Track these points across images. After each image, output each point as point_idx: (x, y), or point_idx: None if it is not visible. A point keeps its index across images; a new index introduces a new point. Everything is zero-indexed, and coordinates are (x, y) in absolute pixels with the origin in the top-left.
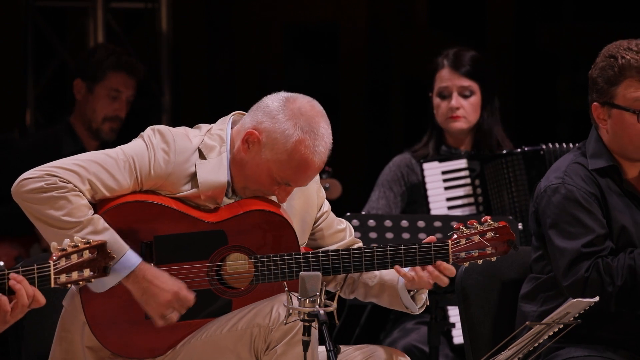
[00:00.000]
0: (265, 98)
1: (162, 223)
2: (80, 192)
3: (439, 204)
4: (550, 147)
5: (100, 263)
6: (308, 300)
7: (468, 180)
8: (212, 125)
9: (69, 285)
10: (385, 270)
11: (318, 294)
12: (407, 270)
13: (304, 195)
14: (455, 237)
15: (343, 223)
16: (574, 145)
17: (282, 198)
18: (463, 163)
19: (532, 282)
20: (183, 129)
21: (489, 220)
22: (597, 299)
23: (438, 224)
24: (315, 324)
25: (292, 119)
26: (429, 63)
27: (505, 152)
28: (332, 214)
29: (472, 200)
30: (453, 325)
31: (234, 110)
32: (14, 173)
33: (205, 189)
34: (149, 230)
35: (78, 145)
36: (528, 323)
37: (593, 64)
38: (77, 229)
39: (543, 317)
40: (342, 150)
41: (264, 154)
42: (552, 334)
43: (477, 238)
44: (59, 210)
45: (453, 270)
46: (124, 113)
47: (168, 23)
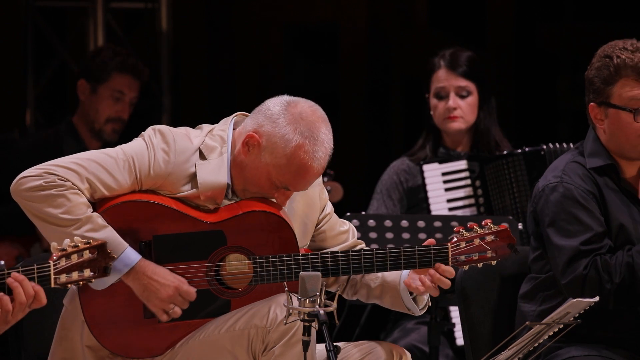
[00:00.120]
0: (268, 101)
1: (161, 223)
2: (79, 190)
3: (440, 206)
4: (551, 147)
5: (101, 263)
6: (308, 300)
7: (468, 182)
8: (214, 126)
9: (69, 286)
10: (387, 272)
11: (318, 294)
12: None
13: (306, 198)
14: (455, 240)
15: (346, 225)
16: (572, 146)
17: (281, 202)
18: (463, 164)
19: (531, 281)
20: (184, 129)
21: (490, 224)
22: (597, 299)
23: (438, 224)
24: (315, 324)
25: (292, 124)
26: (426, 64)
27: (506, 152)
28: (334, 216)
29: (472, 202)
30: (454, 325)
31: (234, 110)
32: (16, 173)
33: (205, 190)
34: (148, 230)
35: (80, 146)
36: (528, 323)
37: (589, 65)
38: (75, 227)
39: (542, 316)
40: (342, 151)
41: (264, 158)
42: (552, 334)
43: (477, 241)
44: (58, 208)
45: (452, 272)
46: (127, 115)
47: (168, 23)
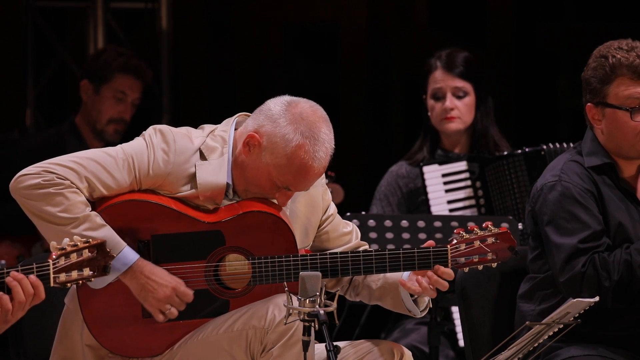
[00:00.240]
0: (269, 101)
1: (160, 222)
2: (78, 189)
3: (440, 207)
4: (551, 147)
5: (100, 262)
6: (308, 300)
7: (469, 183)
8: (216, 126)
9: (69, 285)
10: (389, 274)
11: (318, 294)
12: (412, 285)
13: (309, 198)
14: (455, 242)
15: (349, 226)
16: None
17: (282, 202)
18: (463, 165)
19: (529, 281)
20: (185, 129)
21: (490, 226)
22: (597, 299)
23: (438, 224)
24: (315, 324)
25: (292, 124)
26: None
27: (506, 153)
28: (338, 217)
29: (473, 203)
30: (454, 326)
31: (234, 110)
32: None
33: (204, 190)
34: (147, 229)
35: (83, 146)
36: (528, 323)
37: (585, 66)
38: (73, 225)
39: (541, 315)
40: (342, 151)
41: (264, 158)
42: (552, 334)
43: (477, 243)
44: (56, 207)
45: (451, 274)
46: (129, 116)
47: (168, 23)
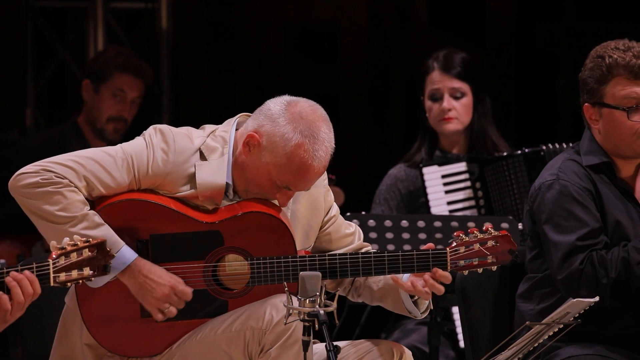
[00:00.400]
0: (268, 101)
1: (158, 222)
2: (76, 188)
3: (440, 208)
4: (551, 147)
5: (100, 261)
6: (308, 300)
7: (468, 184)
8: (217, 127)
9: (69, 284)
10: (390, 275)
11: (318, 294)
12: (404, 282)
13: (310, 199)
14: (455, 244)
15: (352, 227)
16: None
17: (283, 202)
18: (462, 166)
19: (528, 281)
20: (186, 129)
21: (490, 229)
22: (597, 299)
23: (438, 224)
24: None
25: (292, 123)
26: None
27: (506, 154)
28: (340, 218)
29: (473, 203)
30: (455, 326)
31: (234, 110)
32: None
33: (203, 190)
34: (146, 229)
35: (85, 146)
36: (528, 323)
37: (583, 66)
38: (71, 224)
39: (540, 314)
40: (342, 151)
41: (264, 157)
42: (552, 334)
43: (477, 246)
44: (54, 205)
45: (449, 277)
46: (128, 114)
47: (168, 23)
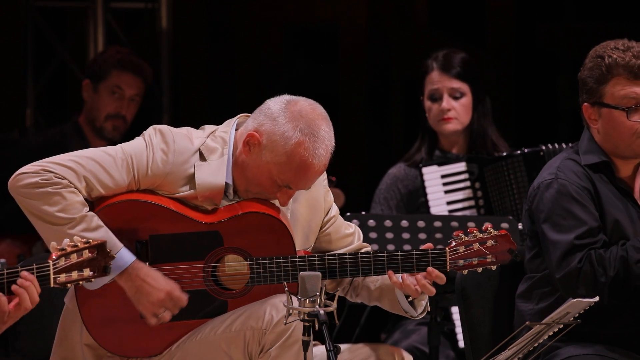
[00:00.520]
0: (268, 101)
1: (158, 222)
2: (76, 188)
3: (440, 208)
4: (550, 147)
5: (100, 262)
6: (308, 301)
7: (468, 184)
8: (217, 127)
9: (69, 285)
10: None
11: (318, 294)
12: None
13: (310, 200)
14: (454, 244)
15: (351, 227)
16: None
17: (283, 201)
18: (462, 166)
19: (527, 281)
20: (186, 130)
21: (490, 229)
22: (597, 299)
23: (438, 224)
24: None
25: (292, 121)
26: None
27: (505, 154)
28: (340, 218)
29: (472, 203)
30: (454, 326)
31: (234, 110)
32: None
33: (203, 191)
34: (145, 230)
35: (85, 146)
36: (528, 323)
37: (582, 66)
38: (70, 226)
39: (540, 314)
40: (342, 151)
41: (265, 156)
42: (552, 334)
43: (476, 246)
44: (53, 206)
45: (444, 279)
46: (127, 111)
47: (168, 23)
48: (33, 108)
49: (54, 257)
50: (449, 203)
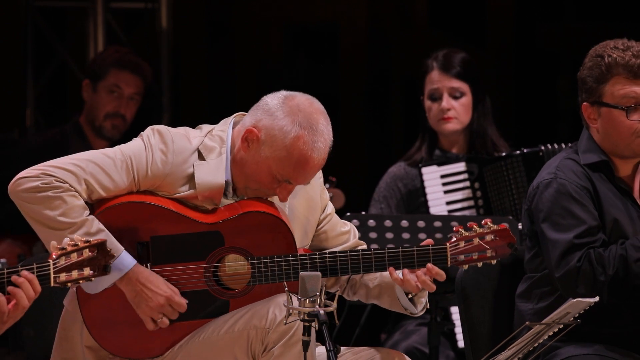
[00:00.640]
0: (265, 97)
1: (158, 224)
2: (76, 192)
3: (439, 208)
4: (550, 147)
5: (101, 262)
6: (308, 300)
7: (467, 184)
8: (214, 126)
9: (69, 285)
10: (386, 272)
11: (318, 294)
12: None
13: (307, 198)
14: (454, 240)
15: (347, 225)
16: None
17: (283, 197)
18: (462, 166)
19: (527, 280)
20: (183, 130)
21: (489, 223)
22: (597, 299)
23: (438, 224)
24: (315, 324)
25: (290, 116)
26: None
27: (505, 154)
28: (336, 216)
29: (472, 204)
30: (454, 326)
31: (234, 110)
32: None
33: (203, 190)
34: (146, 231)
35: (86, 146)
36: (528, 323)
37: (581, 65)
38: (71, 230)
39: (539, 314)
40: (342, 151)
41: (263, 152)
42: (551, 334)
43: (476, 241)
44: (54, 210)
45: (444, 276)
46: (126, 110)
47: (168, 23)
48: (33, 108)
49: (54, 256)
50: (449, 203)
